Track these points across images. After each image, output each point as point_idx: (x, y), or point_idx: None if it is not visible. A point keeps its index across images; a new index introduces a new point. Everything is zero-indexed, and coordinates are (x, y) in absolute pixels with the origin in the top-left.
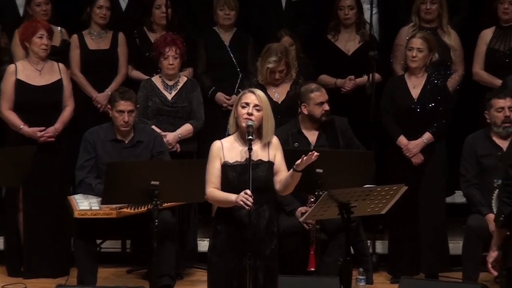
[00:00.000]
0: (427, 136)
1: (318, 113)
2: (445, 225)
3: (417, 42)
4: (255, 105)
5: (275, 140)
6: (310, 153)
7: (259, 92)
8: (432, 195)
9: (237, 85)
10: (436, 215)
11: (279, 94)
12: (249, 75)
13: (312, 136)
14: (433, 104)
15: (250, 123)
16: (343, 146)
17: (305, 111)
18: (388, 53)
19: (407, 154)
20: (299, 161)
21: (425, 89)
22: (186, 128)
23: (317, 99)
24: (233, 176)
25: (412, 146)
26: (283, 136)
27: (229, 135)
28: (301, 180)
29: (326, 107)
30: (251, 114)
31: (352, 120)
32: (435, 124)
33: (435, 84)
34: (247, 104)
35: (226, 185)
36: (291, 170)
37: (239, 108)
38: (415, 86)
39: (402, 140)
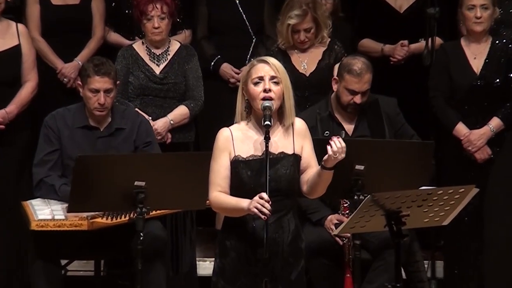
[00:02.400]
0: (495, 123)
1: (345, 100)
2: None
3: None
4: (272, 78)
5: (301, 124)
6: (335, 138)
7: (271, 59)
8: (503, 201)
9: (249, 54)
10: (508, 227)
11: (307, 63)
12: (267, 40)
13: (348, 122)
14: (500, 80)
15: (267, 104)
16: (391, 136)
17: (335, 88)
18: (453, 11)
19: (469, 148)
20: (326, 156)
21: (490, 59)
22: (180, 112)
23: (350, 84)
24: (248, 176)
25: (475, 137)
26: (310, 121)
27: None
28: (335, 179)
29: (358, 99)
30: (269, 91)
31: (405, 101)
32: (508, 104)
33: (505, 51)
34: (261, 78)
35: (238, 188)
36: (319, 167)
37: (251, 86)
38: (476, 56)
39: (461, 129)
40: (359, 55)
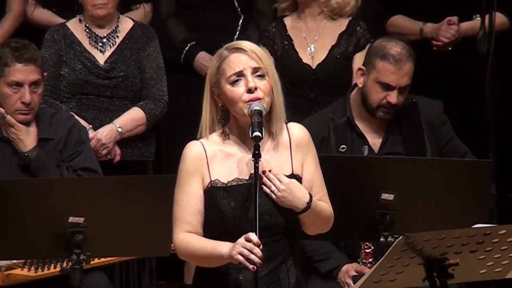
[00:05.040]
0: None
1: (374, 100)
2: None
3: None
4: (254, 70)
5: (300, 132)
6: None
7: (247, 44)
8: None
9: (235, 37)
10: None
11: (316, 48)
12: (259, 18)
13: (374, 133)
14: None
15: (256, 108)
16: (434, 154)
17: (360, 82)
18: None
19: None
20: None
21: None
22: (133, 116)
23: (383, 76)
24: (231, 208)
25: None
26: (319, 129)
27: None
28: (353, 213)
29: (393, 97)
30: (255, 89)
31: (453, 104)
32: None
33: None
34: (240, 74)
35: (215, 225)
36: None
37: (227, 87)
38: None
39: None
40: (396, 37)
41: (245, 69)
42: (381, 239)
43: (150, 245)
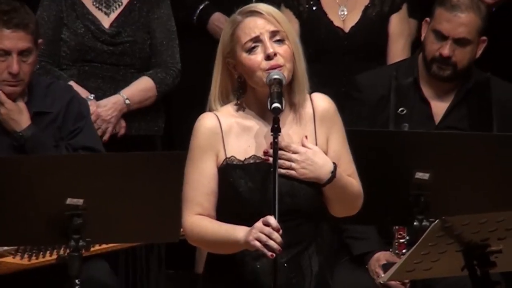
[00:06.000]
0: None
1: (429, 53)
2: None
3: None
4: (273, 34)
5: (325, 103)
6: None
7: (263, 6)
8: None
9: None
10: None
11: (348, 9)
12: None
13: (439, 102)
14: None
15: (276, 76)
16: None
17: (423, 34)
18: None
19: None
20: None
21: None
22: (142, 86)
23: (438, 23)
24: (248, 188)
25: None
26: (379, 88)
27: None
28: (382, 194)
29: (445, 49)
30: (274, 55)
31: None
32: None
33: None
34: (257, 40)
35: (231, 208)
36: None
37: (243, 55)
38: None
39: None
40: None
41: (262, 33)
42: (415, 223)
43: (157, 229)
